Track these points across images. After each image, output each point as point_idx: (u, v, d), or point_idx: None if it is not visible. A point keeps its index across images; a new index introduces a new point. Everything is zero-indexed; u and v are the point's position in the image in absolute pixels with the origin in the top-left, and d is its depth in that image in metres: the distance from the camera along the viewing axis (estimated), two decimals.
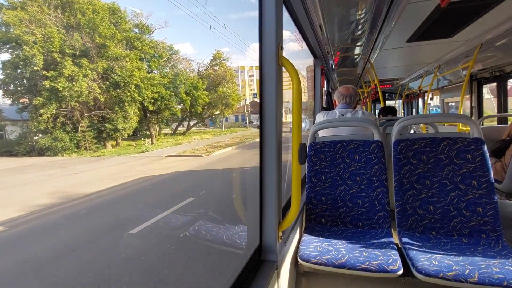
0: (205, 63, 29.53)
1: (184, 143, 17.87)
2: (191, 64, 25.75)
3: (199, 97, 22.32)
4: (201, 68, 27.82)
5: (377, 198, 1.69)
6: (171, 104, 18.72)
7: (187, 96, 21.13)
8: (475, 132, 1.58)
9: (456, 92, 5.61)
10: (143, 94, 15.54)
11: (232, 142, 17.60)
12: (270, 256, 1.15)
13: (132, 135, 17.33)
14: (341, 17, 2.13)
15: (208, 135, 22.39)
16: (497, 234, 1.44)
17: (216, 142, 17.63)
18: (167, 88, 18.78)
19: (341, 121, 1.98)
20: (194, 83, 22.35)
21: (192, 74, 26.00)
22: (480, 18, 2.18)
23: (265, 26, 1.05)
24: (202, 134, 22.97)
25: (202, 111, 24.42)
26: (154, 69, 18.89)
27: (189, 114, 23.77)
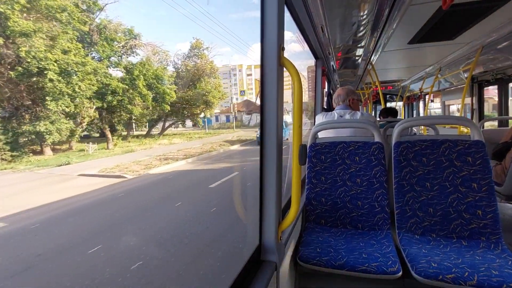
0: (182, 53, 27.03)
1: (138, 150, 14.84)
2: (168, 56, 22.57)
3: (165, 93, 18.45)
4: (178, 60, 24.40)
5: (377, 199, 1.68)
6: (125, 100, 15.04)
7: (149, 90, 17.46)
8: (475, 135, 1.58)
9: (457, 94, 5.61)
10: (74, 85, 11.64)
11: (196, 151, 14.29)
12: (269, 256, 1.15)
13: (85, 137, 14.72)
14: (343, 18, 2.13)
15: (180, 139, 19.75)
16: (496, 237, 1.44)
17: (179, 150, 14.65)
18: (124, 80, 15.18)
19: (343, 122, 1.98)
20: (158, 75, 18.31)
21: (169, 67, 22.80)
22: (482, 20, 2.18)
23: (266, 26, 1.05)
24: (174, 138, 20.37)
25: (172, 110, 21.13)
26: (103, 56, 15.11)
27: (165, 113, 20.96)
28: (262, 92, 1.09)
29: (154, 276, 3.54)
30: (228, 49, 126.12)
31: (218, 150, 14.63)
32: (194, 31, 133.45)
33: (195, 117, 24.17)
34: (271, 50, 1.05)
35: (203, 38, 42.78)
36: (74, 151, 12.99)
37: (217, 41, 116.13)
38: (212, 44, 30.62)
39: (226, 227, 5.13)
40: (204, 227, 5.17)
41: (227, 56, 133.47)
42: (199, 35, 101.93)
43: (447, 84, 5.40)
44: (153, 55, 20.75)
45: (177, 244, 4.45)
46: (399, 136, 1.70)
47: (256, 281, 1.02)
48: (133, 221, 5.69)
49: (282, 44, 1.07)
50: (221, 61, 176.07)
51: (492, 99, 6.38)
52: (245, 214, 5.94)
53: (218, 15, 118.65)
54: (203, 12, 52.28)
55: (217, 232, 4.90)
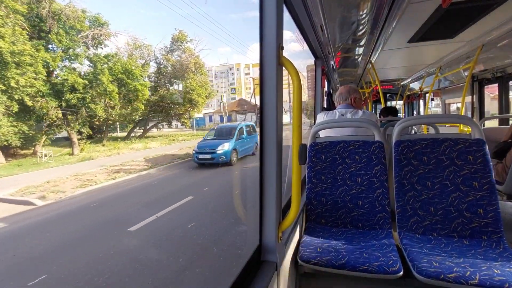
0: (164, 46, 23.04)
1: (99, 158, 12.98)
2: (151, 50, 20.16)
3: (137, 90, 16.12)
4: (159, 54, 21.53)
5: (378, 199, 1.68)
6: (87, 98, 12.98)
7: (121, 87, 15.37)
8: (476, 133, 1.57)
9: (457, 93, 5.60)
10: (10, 79, 9.46)
11: (164, 158, 12.29)
12: (270, 256, 1.15)
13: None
14: (342, 17, 2.12)
15: (159, 142, 17.69)
16: (498, 235, 1.43)
17: (145, 157, 12.60)
18: (86, 76, 13.12)
19: (342, 122, 1.97)
20: (128, 69, 15.73)
21: (152, 63, 20.41)
22: (482, 18, 2.17)
23: (265, 25, 1.04)
24: (154, 140, 18.30)
25: (155, 109, 19.60)
26: (59, 47, 12.78)
27: (147, 114, 19.34)
28: (261, 91, 1.08)
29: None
30: (228, 49, 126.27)
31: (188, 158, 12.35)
32: (193, 32, 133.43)
33: (180, 117, 21.96)
34: (270, 50, 1.05)
35: (202, 38, 40.91)
36: (34, 157, 11.40)
37: (216, 41, 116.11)
38: (197, 37, 26.92)
39: (225, 229, 5.00)
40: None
41: (226, 55, 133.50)
42: (198, 35, 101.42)
43: (447, 82, 5.39)
44: (135, 49, 19.16)
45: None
46: (400, 135, 1.70)
47: (257, 281, 1.01)
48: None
49: (281, 44, 1.06)
50: (219, 60, 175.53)
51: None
52: (244, 215, 5.74)
53: (216, 15, 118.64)
54: (201, 12, 52.01)
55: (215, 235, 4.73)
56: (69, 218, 6.21)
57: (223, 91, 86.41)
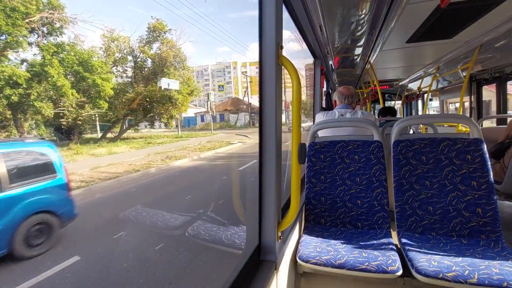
0: (139, 37, 19.56)
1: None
2: (127, 43, 17.81)
3: (96, 85, 14.20)
4: (135, 46, 18.66)
5: (377, 198, 1.68)
6: (33, 94, 10.90)
7: (77, 82, 13.05)
8: (474, 133, 1.58)
9: (455, 93, 5.61)
10: None
11: (119, 169, 9.49)
12: (269, 256, 1.15)
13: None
14: (341, 17, 2.12)
15: (130, 146, 15.67)
16: (496, 235, 1.44)
17: (93, 168, 9.57)
18: (31, 68, 11.29)
19: (341, 121, 1.97)
20: (85, 61, 13.91)
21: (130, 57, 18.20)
22: (480, 19, 2.18)
23: (265, 25, 1.04)
24: (125, 144, 16.36)
25: (131, 109, 17.34)
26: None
27: (122, 113, 17.07)
28: (261, 91, 1.08)
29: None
30: (226, 48, 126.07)
31: (155, 167, 9.97)
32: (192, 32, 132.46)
33: (160, 117, 19.80)
34: (269, 49, 1.05)
35: (185, 29, 37.06)
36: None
37: (212, 40, 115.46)
38: (179, 27, 25.20)
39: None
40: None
41: (224, 54, 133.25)
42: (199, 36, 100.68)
43: (446, 82, 5.41)
44: (112, 42, 17.07)
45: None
46: (398, 134, 1.70)
47: (256, 281, 1.01)
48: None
49: (280, 43, 1.06)
50: (215, 58, 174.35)
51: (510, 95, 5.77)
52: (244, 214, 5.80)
53: (215, 15, 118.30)
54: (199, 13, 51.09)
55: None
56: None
57: (219, 90, 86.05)
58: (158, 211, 5.03)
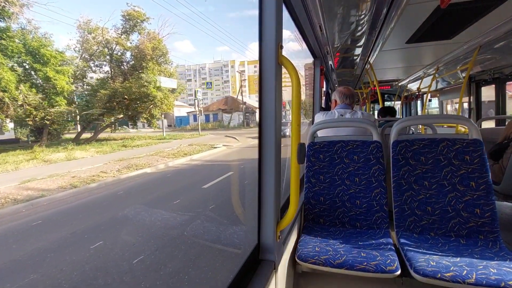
0: (113, 26, 17.58)
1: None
2: (105, 34, 16.02)
3: (48, 78, 11.87)
4: (111, 37, 16.76)
5: (376, 198, 1.69)
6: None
7: (26, 75, 11.21)
8: (473, 134, 1.58)
9: (455, 93, 5.63)
10: None
11: (55, 183, 7.43)
12: (268, 255, 1.15)
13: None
14: (341, 17, 2.13)
15: (97, 150, 13.73)
16: (494, 235, 1.44)
17: (20, 184, 7.53)
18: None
19: (340, 121, 1.98)
20: (36, 49, 11.37)
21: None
22: (480, 20, 2.19)
23: (265, 25, 1.04)
24: (97, 147, 14.64)
25: (109, 106, 15.73)
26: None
27: (97, 112, 15.40)
28: (260, 90, 1.08)
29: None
30: (226, 48, 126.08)
31: (100, 181, 7.92)
32: (191, 32, 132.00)
33: (139, 116, 17.81)
34: (269, 49, 1.05)
35: (168, 19, 33.20)
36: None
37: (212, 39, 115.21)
38: (161, 16, 23.54)
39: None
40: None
41: (223, 53, 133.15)
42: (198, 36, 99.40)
43: (445, 83, 5.42)
44: (89, 34, 15.57)
45: None
46: (398, 135, 1.70)
47: (255, 280, 1.01)
48: None
49: (280, 43, 1.06)
50: (213, 57, 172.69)
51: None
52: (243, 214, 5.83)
53: (215, 14, 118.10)
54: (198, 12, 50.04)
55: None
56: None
57: (216, 88, 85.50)
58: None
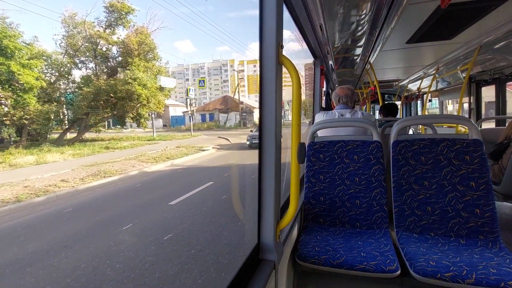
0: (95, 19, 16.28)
1: None
2: (88, 25, 14.77)
3: (11, 73, 10.58)
4: (95, 31, 15.41)
5: (376, 198, 1.69)
6: None
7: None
8: (473, 134, 1.58)
9: (455, 94, 5.63)
10: None
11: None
12: (268, 255, 1.15)
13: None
14: (342, 17, 2.13)
15: (72, 153, 12.78)
16: (494, 235, 1.44)
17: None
18: None
19: (341, 121, 1.98)
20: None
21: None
22: (480, 20, 2.19)
23: (265, 24, 1.04)
24: (78, 148, 13.86)
25: (92, 105, 14.71)
26: None
27: (83, 111, 14.50)
28: (261, 90, 1.08)
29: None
30: (226, 47, 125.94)
31: (50, 194, 7.00)
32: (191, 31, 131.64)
33: (125, 116, 16.58)
34: (270, 48, 1.05)
35: (156, 12, 31.15)
36: None
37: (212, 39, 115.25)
38: (149, 10, 19.57)
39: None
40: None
41: (222, 53, 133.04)
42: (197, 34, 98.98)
43: (445, 83, 5.42)
44: (75, 28, 14.56)
45: None
46: (398, 135, 1.70)
47: (255, 280, 1.01)
48: None
49: (280, 42, 1.06)
50: (212, 56, 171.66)
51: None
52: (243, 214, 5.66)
53: (215, 14, 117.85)
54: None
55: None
56: None
57: (215, 88, 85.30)
58: None
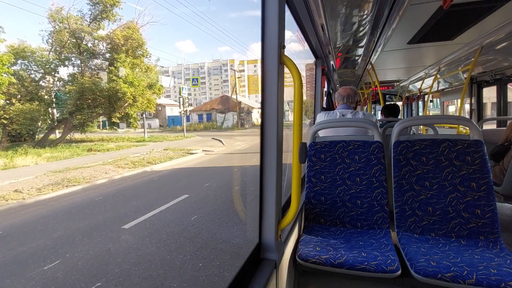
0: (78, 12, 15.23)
1: None
2: (72, 18, 14.08)
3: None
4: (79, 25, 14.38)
5: (376, 198, 1.69)
6: None
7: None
8: (475, 134, 1.58)
9: (456, 94, 5.62)
10: None
11: None
12: (269, 254, 1.16)
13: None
14: (343, 17, 2.13)
15: (49, 155, 12.04)
16: (495, 236, 1.45)
17: None
18: None
19: (342, 122, 1.98)
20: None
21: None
22: (482, 20, 2.19)
23: (267, 24, 1.05)
24: (59, 150, 13.11)
25: (79, 104, 13.98)
26: None
27: (68, 111, 13.70)
28: (263, 90, 1.09)
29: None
30: (227, 48, 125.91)
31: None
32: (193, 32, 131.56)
33: (113, 115, 15.76)
34: (271, 48, 1.05)
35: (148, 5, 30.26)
36: None
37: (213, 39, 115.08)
38: (138, 2, 19.27)
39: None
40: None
41: (223, 53, 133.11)
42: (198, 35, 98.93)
43: (446, 84, 5.42)
44: (61, 23, 13.87)
45: None
46: (399, 135, 1.71)
47: (256, 279, 1.02)
48: None
49: (282, 42, 1.07)
50: (213, 56, 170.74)
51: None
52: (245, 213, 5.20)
53: (216, 14, 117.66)
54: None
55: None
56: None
57: (215, 88, 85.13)
58: None
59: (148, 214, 5.20)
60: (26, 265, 3.59)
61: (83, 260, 3.61)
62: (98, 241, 4.19)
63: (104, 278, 3.16)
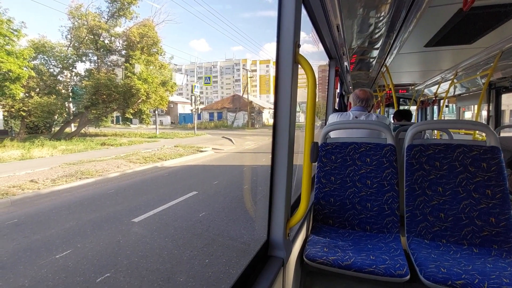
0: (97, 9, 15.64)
1: None
2: (90, 15, 14.51)
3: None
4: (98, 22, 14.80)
5: (387, 202, 1.67)
6: None
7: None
8: (492, 141, 1.55)
9: (473, 100, 5.48)
10: None
11: None
12: (277, 252, 1.16)
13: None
14: (360, 18, 2.11)
15: (65, 148, 12.24)
16: (509, 245, 1.41)
17: None
18: None
19: (354, 123, 1.96)
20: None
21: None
22: (503, 24, 2.13)
23: (283, 23, 1.05)
24: (75, 143, 13.26)
25: (94, 100, 14.26)
26: None
27: (84, 106, 14.03)
28: (276, 89, 1.09)
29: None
30: (240, 47, 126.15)
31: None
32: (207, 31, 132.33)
33: (127, 111, 15.97)
34: (287, 47, 1.06)
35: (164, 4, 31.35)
36: None
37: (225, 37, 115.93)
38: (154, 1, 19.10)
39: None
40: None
41: (238, 53, 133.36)
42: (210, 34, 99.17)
43: (463, 89, 5.28)
44: (79, 19, 14.25)
45: None
46: (412, 139, 1.68)
47: (264, 275, 1.03)
48: None
49: (298, 41, 1.07)
50: (225, 55, 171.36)
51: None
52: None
53: (231, 13, 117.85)
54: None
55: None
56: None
57: (226, 87, 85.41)
58: None
59: (158, 209, 5.29)
60: (39, 252, 3.68)
61: (94, 251, 3.70)
62: (108, 233, 4.30)
63: (113, 269, 3.23)
